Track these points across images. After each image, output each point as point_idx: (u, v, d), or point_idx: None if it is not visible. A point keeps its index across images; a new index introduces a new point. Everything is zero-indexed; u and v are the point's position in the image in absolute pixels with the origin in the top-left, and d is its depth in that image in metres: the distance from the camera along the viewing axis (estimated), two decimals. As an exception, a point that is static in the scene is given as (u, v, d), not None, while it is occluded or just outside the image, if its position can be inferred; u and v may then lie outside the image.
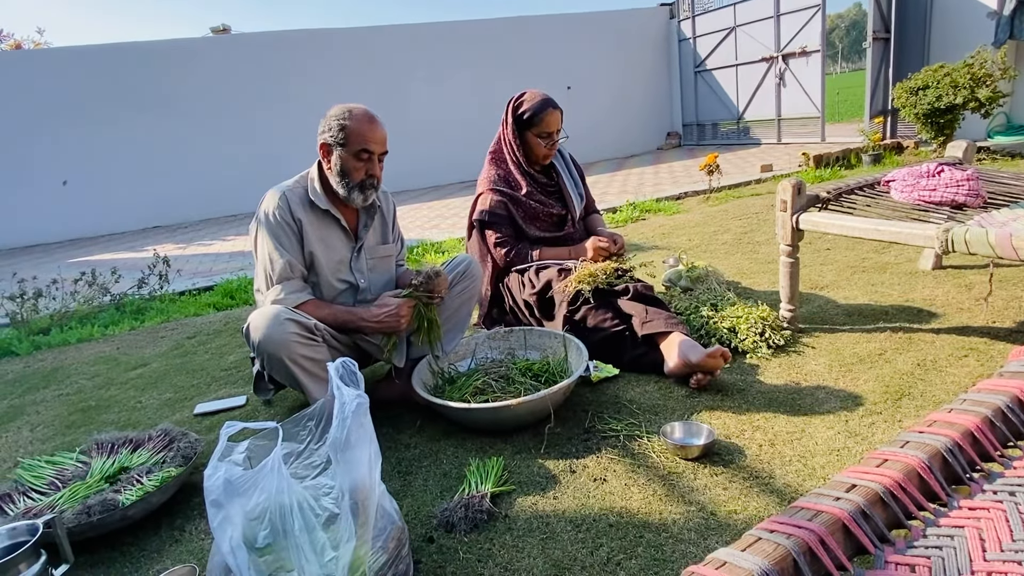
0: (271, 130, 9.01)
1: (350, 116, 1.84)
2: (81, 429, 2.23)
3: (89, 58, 8.44)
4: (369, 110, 1.88)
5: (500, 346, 2.25)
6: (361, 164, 1.86)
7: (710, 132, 10.94)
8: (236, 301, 3.90)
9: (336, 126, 1.83)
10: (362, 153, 1.84)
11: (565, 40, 10.69)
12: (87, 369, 2.92)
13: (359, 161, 1.85)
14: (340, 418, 1.11)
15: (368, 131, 1.84)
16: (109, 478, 1.67)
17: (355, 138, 1.83)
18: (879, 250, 3.27)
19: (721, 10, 9.97)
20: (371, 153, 1.85)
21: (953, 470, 0.82)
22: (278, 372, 1.81)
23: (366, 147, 1.84)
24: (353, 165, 1.85)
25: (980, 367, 1.92)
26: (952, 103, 5.71)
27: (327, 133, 1.86)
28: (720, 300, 2.46)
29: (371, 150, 1.85)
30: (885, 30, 7.68)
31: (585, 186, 2.72)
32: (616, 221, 5.06)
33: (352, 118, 1.84)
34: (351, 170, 1.86)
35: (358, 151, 1.84)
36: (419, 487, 1.63)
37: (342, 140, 1.83)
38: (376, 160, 1.88)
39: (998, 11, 6.79)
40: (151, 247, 6.04)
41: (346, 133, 1.83)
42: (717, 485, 1.50)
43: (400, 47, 9.78)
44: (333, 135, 1.84)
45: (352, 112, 1.85)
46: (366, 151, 1.84)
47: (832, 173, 6.14)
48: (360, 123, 1.83)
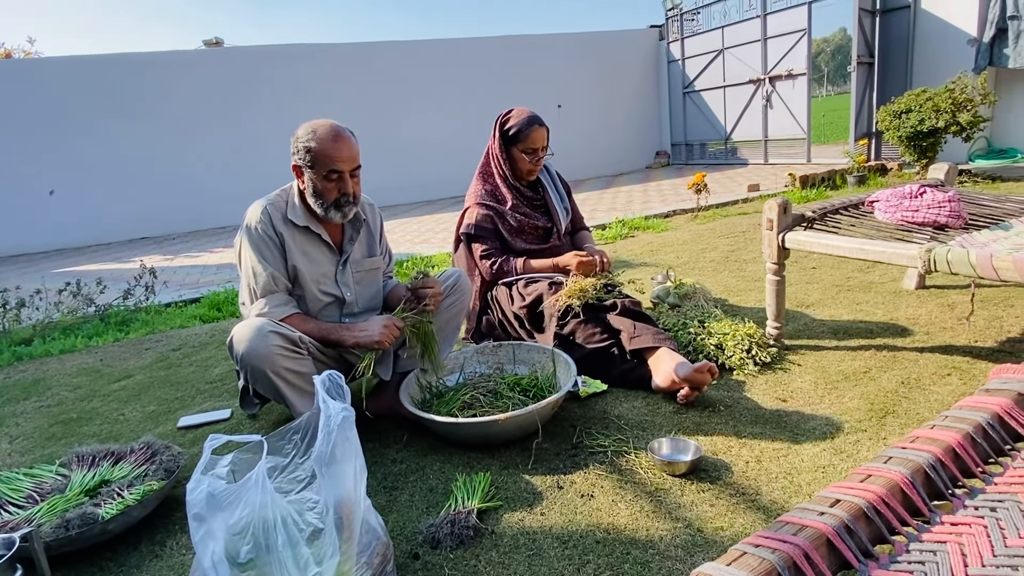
0: (261, 143, 9.01)
1: (315, 137, 1.79)
2: (61, 441, 2.19)
3: (80, 68, 8.42)
4: (336, 126, 1.82)
5: (488, 360, 2.25)
6: (332, 184, 1.82)
7: (698, 152, 11.08)
8: (223, 313, 3.87)
9: (303, 148, 1.80)
10: (331, 174, 1.80)
11: (556, 59, 10.83)
12: (69, 381, 2.88)
13: (330, 182, 1.81)
14: (325, 432, 1.10)
15: (334, 151, 1.79)
16: (89, 491, 1.64)
17: (322, 159, 1.79)
18: (864, 269, 3.31)
19: (709, 33, 10.17)
20: (340, 172, 1.81)
21: (936, 486, 0.83)
22: (262, 385, 1.79)
23: (334, 167, 1.79)
24: (324, 186, 1.82)
25: (963, 385, 1.94)
26: (934, 127, 5.83)
27: (296, 155, 1.82)
28: (708, 317, 2.48)
29: (340, 170, 1.80)
30: (869, 55, 7.86)
31: (572, 202, 2.75)
32: (605, 238, 5.09)
33: (317, 139, 1.78)
34: (323, 190, 1.83)
35: (327, 172, 1.80)
36: (405, 502, 1.61)
37: (310, 162, 1.80)
38: (347, 178, 1.83)
39: (978, 38, 6.98)
40: (138, 258, 5.99)
41: (313, 155, 1.79)
42: (704, 502, 1.50)
43: (393, 63, 9.85)
44: (301, 157, 1.81)
45: (317, 132, 1.79)
46: (335, 171, 1.80)
47: (818, 193, 6.24)
48: (325, 143, 1.78)
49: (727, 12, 9.83)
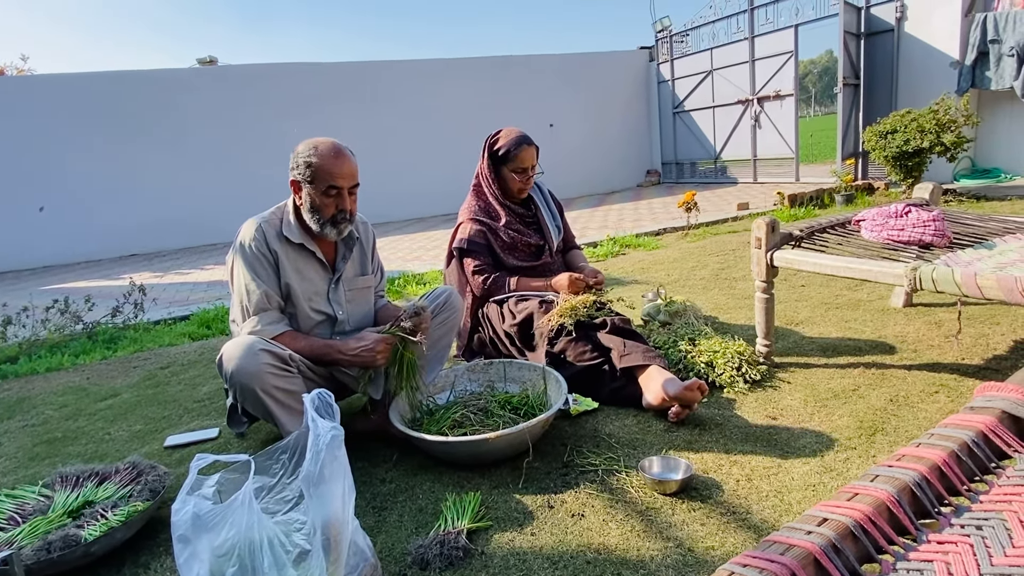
0: (254, 160, 9.03)
1: (316, 152, 1.80)
2: (45, 461, 2.16)
3: (72, 86, 8.43)
4: (337, 144, 1.84)
5: (479, 378, 2.24)
6: (330, 200, 1.83)
7: (688, 170, 11.20)
8: (213, 331, 3.85)
9: (303, 163, 1.81)
10: (330, 189, 1.82)
11: (548, 80, 10.96)
12: (55, 399, 2.84)
13: (328, 197, 1.83)
14: (314, 451, 1.10)
15: (335, 167, 1.80)
16: (72, 513, 1.62)
17: (322, 175, 1.80)
18: (852, 287, 3.34)
19: (698, 54, 10.33)
20: (339, 189, 1.82)
21: (922, 504, 0.83)
22: (251, 404, 1.78)
23: (333, 183, 1.81)
24: (323, 201, 1.83)
25: (951, 403, 1.96)
26: (919, 147, 5.93)
27: (295, 170, 1.83)
28: (698, 334, 2.49)
29: (339, 186, 1.82)
30: (855, 76, 8.00)
31: (564, 220, 2.77)
32: (597, 255, 5.11)
33: (318, 154, 1.80)
34: (321, 206, 1.84)
35: (326, 188, 1.81)
36: (394, 523, 1.59)
37: (309, 177, 1.81)
38: (346, 195, 1.85)
39: (960, 61, 7.13)
40: (127, 275, 5.95)
41: (313, 170, 1.80)
42: (695, 521, 1.49)
43: (385, 83, 9.94)
44: (300, 172, 1.82)
45: (318, 148, 1.81)
46: (334, 187, 1.82)
47: (806, 212, 6.31)
48: (326, 159, 1.80)
49: (716, 34, 10.01)
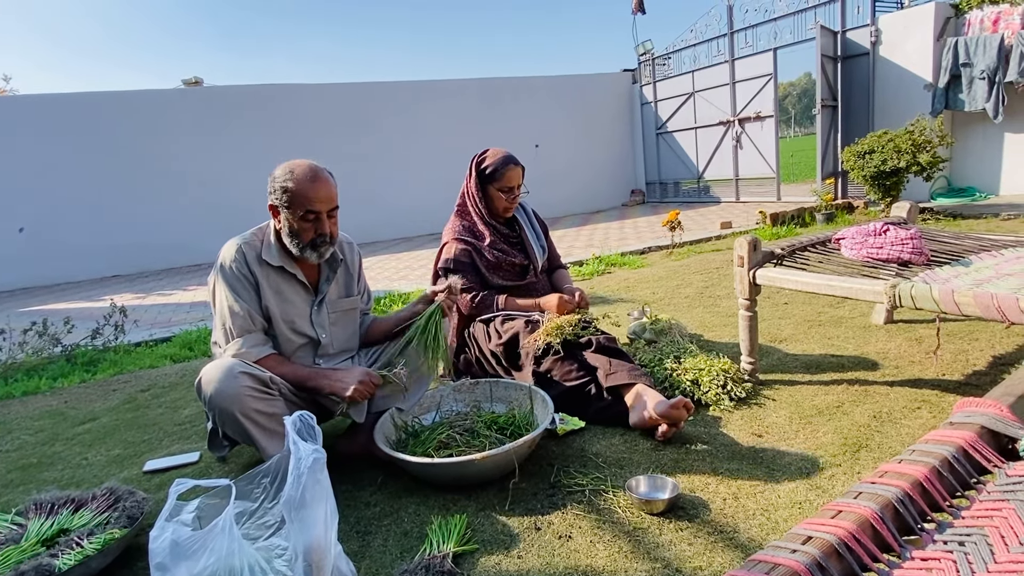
0: (237, 181, 8.99)
1: (292, 177, 1.78)
2: (20, 488, 2.10)
3: (55, 106, 8.37)
4: (314, 166, 1.82)
5: (466, 398, 2.23)
6: (309, 224, 1.82)
7: (672, 190, 11.34)
8: (195, 353, 3.80)
9: (279, 188, 1.79)
10: (308, 214, 1.80)
11: (534, 101, 11.09)
12: (31, 424, 2.77)
13: (307, 222, 1.81)
14: (295, 474, 1.08)
15: (311, 191, 1.79)
16: (46, 541, 1.57)
17: (299, 200, 1.78)
18: (834, 304, 3.38)
19: (680, 77, 10.53)
20: (317, 213, 1.81)
21: (905, 521, 0.84)
22: (230, 427, 1.75)
23: (311, 208, 1.79)
24: (301, 226, 1.82)
25: (932, 418, 1.98)
26: (896, 166, 6.06)
27: (273, 195, 1.82)
28: (683, 352, 2.50)
29: (316, 210, 1.80)
30: (832, 98, 8.19)
31: (549, 240, 2.78)
32: (583, 274, 5.14)
33: (294, 179, 1.78)
34: (300, 231, 1.82)
35: (304, 212, 1.80)
36: (378, 547, 1.57)
37: (287, 202, 1.79)
38: (324, 218, 1.83)
39: (934, 84, 7.33)
40: (108, 296, 5.87)
41: (290, 195, 1.78)
42: (682, 540, 1.48)
43: (371, 104, 9.99)
44: (278, 197, 1.80)
45: (294, 172, 1.79)
46: (312, 212, 1.80)
47: (788, 231, 6.40)
48: (302, 184, 1.78)
49: (697, 57, 10.22)
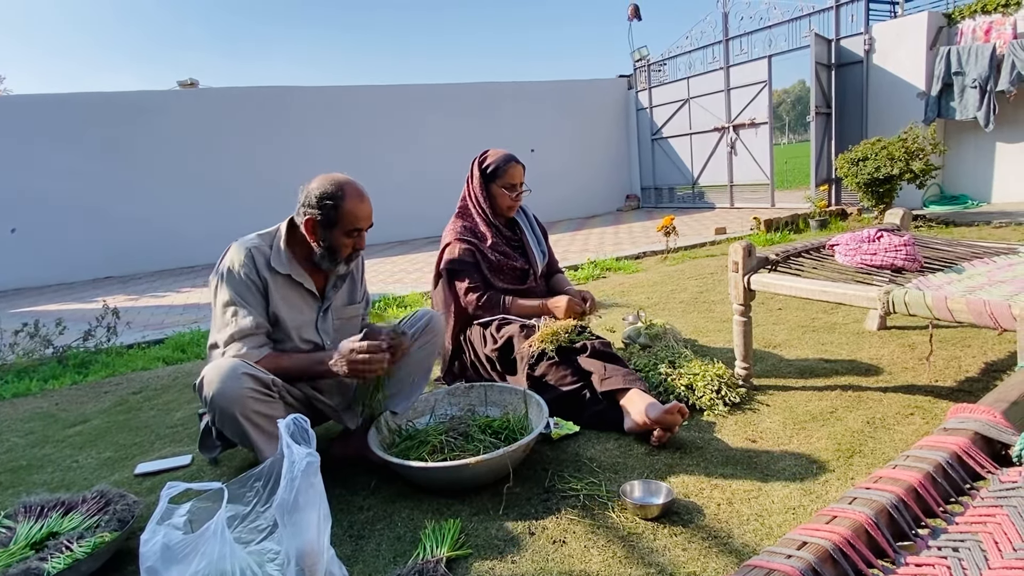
0: (232, 183, 8.98)
1: (343, 195, 1.80)
2: (9, 491, 2.08)
3: (47, 107, 8.33)
4: (357, 184, 1.86)
5: (460, 402, 2.22)
6: (351, 240, 1.86)
7: (667, 195, 11.39)
8: (187, 355, 3.77)
9: (328, 206, 1.80)
10: (353, 232, 1.85)
11: (530, 106, 11.13)
12: (21, 426, 2.75)
13: (349, 238, 1.85)
14: (288, 478, 1.07)
15: (360, 210, 1.83)
16: (35, 544, 1.55)
17: (348, 218, 1.82)
18: (828, 310, 3.40)
19: (676, 83, 10.59)
20: (360, 230, 1.87)
21: (899, 526, 0.84)
22: (229, 428, 1.73)
23: (357, 226, 1.85)
24: (343, 242, 1.85)
25: (926, 425, 1.98)
26: (889, 174, 6.10)
27: (315, 211, 1.81)
28: (678, 357, 2.50)
29: (362, 227, 1.86)
30: (826, 106, 8.25)
31: (548, 245, 2.78)
32: (578, 278, 5.14)
33: (345, 197, 1.80)
34: (340, 247, 1.86)
35: (350, 230, 1.84)
36: (371, 552, 1.56)
37: (334, 220, 1.81)
38: (364, 235, 1.89)
39: (926, 92, 7.40)
40: (101, 298, 5.83)
41: (339, 213, 1.81)
42: (676, 546, 1.48)
43: (367, 107, 9.99)
44: (324, 214, 1.81)
45: (344, 190, 1.81)
46: (357, 229, 1.85)
47: (782, 236, 6.43)
48: (352, 202, 1.81)
49: (692, 64, 10.28)
